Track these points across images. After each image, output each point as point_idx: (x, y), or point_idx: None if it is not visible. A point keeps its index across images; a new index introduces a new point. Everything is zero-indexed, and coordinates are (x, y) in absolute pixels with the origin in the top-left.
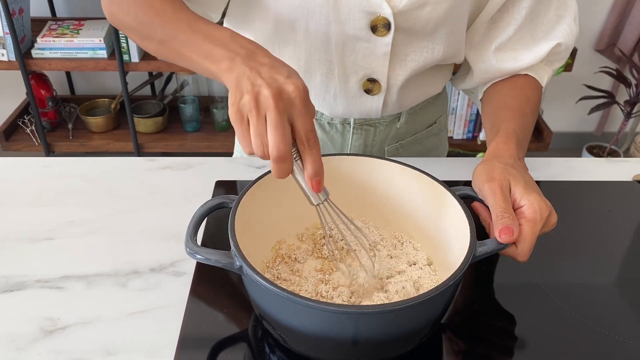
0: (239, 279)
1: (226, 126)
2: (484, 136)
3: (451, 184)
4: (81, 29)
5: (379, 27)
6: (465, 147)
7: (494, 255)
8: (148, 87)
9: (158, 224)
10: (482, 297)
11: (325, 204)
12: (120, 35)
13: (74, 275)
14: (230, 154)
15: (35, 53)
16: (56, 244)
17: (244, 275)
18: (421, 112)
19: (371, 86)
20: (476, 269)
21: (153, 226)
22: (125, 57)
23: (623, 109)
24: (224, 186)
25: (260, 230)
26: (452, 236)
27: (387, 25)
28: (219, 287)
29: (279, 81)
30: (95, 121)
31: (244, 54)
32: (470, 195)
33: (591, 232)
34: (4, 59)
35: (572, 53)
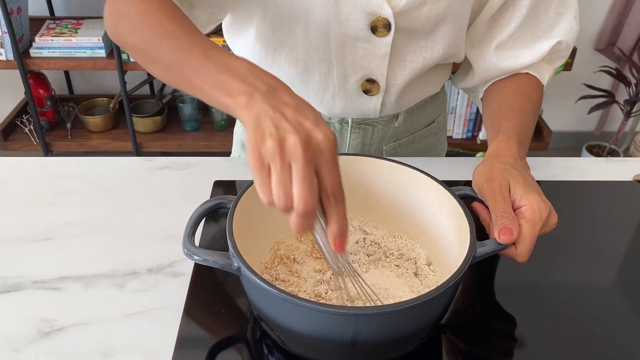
0: (237, 280)
1: (225, 126)
2: (483, 135)
3: (451, 184)
4: (79, 28)
5: (379, 27)
6: (465, 147)
7: (494, 256)
8: (147, 87)
9: (156, 224)
10: (482, 297)
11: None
12: None
13: (72, 276)
14: (229, 153)
15: (33, 52)
16: (53, 244)
17: (242, 276)
18: (419, 111)
19: (370, 87)
20: (476, 269)
21: (151, 226)
22: (124, 56)
23: (623, 108)
24: (222, 186)
25: (258, 231)
26: (451, 236)
27: (387, 26)
28: (217, 288)
29: (307, 127)
30: (94, 121)
31: (265, 89)
32: (470, 195)
33: (591, 232)
34: (2, 58)
35: (571, 52)
